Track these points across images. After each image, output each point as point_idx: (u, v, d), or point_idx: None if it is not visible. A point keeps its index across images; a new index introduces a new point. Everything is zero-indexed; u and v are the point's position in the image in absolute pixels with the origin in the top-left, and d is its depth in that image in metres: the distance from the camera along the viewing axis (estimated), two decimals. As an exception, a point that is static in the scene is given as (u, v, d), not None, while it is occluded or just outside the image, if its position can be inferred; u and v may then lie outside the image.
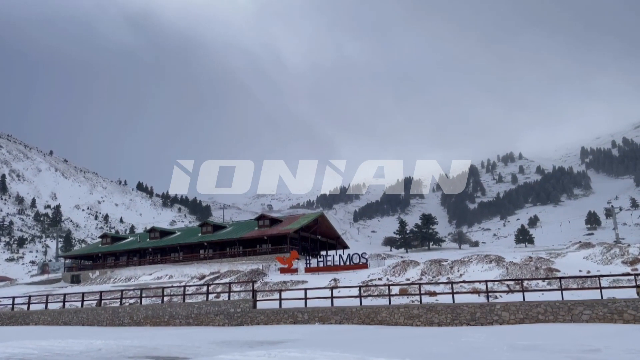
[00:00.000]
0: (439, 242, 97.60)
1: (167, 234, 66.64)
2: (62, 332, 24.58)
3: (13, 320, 31.44)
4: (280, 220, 61.00)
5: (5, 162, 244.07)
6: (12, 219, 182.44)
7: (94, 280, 56.69)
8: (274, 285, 34.60)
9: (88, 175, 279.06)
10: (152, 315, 28.05)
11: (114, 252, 64.62)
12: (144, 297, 30.96)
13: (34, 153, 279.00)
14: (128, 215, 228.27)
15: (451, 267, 33.45)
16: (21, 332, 24.97)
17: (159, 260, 59.23)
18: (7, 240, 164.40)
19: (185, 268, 51.11)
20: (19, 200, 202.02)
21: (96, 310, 30.30)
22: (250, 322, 25.56)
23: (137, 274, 53.73)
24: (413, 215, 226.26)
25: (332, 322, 23.74)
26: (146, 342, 18.13)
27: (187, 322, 26.98)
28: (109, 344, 17.54)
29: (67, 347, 17.13)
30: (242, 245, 56.74)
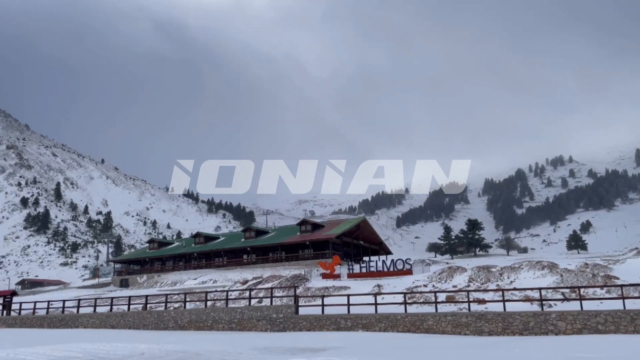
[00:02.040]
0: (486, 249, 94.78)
1: (212, 239, 67.51)
2: (108, 335, 24.96)
3: (63, 323, 32.32)
4: (322, 226, 60.66)
5: (60, 171, 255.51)
6: (67, 225, 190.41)
7: (141, 284, 57.98)
8: (316, 290, 34.19)
9: (137, 182, 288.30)
10: (196, 320, 28.16)
11: (161, 257, 65.97)
12: (188, 301, 31.20)
13: (87, 162, 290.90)
14: (175, 221, 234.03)
15: (500, 274, 32.08)
16: (69, 335, 25.53)
17: (204, 265, 60.00)
18: (62, 245, 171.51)
19: (229, 273, 51.47)
20: (72, 207, 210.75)
21: (142, 314, 30.73)
22: (292, 328, 25.20)
23: (182, 278, 54.53)
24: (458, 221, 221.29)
25: (376, 329, 23.07)
26: (189, 347, 18.04)
27: (230, 327, 26.90)
28: (152, 349, 17.53)
29: (112, 350, 17.22)
30: (285, 250, 56.72)
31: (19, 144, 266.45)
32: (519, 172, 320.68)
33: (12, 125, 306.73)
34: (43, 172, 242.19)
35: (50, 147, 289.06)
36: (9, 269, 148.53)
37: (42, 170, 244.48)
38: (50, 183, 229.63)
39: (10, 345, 19.93)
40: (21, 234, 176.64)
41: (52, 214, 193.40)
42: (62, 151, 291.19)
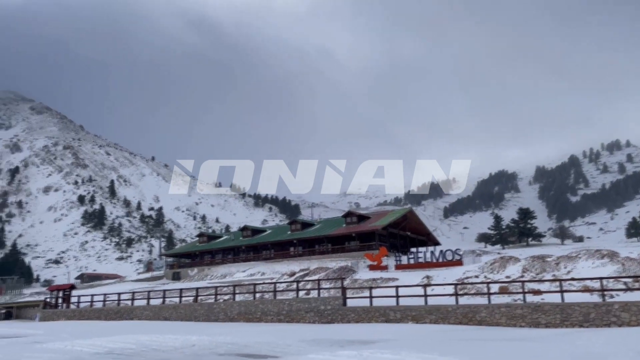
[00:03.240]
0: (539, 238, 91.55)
1: (259, 232, 68.31)
2: (161, 327, 25.55)
3: (119, 315, 33.43)
4: (368, 217, 60.14)
5: (114, 169, 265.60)
6: (121, 221, 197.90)
7: (192, 277, 59.37)
8: (363, 282, 33.85)
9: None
10: (245, 312, 28.43)
11: (210, 251, 67.33)
12: (237, 293, 31.57)
13: (138, 159, 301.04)
14: (223, 215, 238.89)
15: (557, 264, 30.69)
16: (124, 327, 26.31)
17: (252, 257, 60.78)
18: (117, 240, 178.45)
19: (276, 265, 51.88)
20: (126, 204, 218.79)
21: (193, 306, 31.35)
22: (340, 320, 25.01)
23: (231, 271, 55.41)
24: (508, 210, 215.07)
25: (426, 321, 22.53)
26: (238, 338, 18.15)
27: (278, 318, 27.00)
28: (203, 340, 17.74)
29: (164, 342, 17.54)
30: (331, 242, 56.62)
31: (75, 144, 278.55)
32: (572, 159, 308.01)
33: (68, 127, 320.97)
34: (98, 171, 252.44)
35: (104, 147, 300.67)
36: (69, 264, 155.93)
37: (97, 169, 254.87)
38: (105, 181, 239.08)
39: (70, 337, 20.68)
40: (79, 230, 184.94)
41: (108, 210, 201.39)
42: (114, 150, 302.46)
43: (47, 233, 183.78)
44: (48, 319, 36.64)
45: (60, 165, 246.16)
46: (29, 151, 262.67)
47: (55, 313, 37.65)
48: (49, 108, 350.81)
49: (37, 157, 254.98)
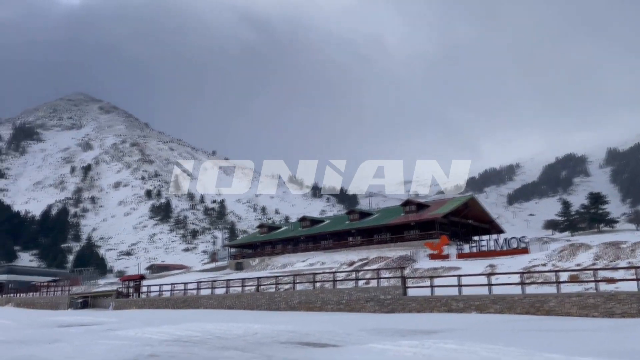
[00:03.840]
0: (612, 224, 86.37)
1: (317, 223, 68.78)
2: (225, 315, 26.28)
3: (185, 304, 34.72)
4: (427, 206, 59.05)
5: (177, 164, 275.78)
6: (186, 213, 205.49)
7: (254, 267, 60.75)
8: (424, 271, 33.30)
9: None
10: (306, 301, 28.71)
11: (271, 241, 68.58)
12: (297, 283, 31.93)
13: (200, 154, 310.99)
14: (282, 206, 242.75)
15: (632, 250, 28.87)
16: (190, 315, 27.27)
17: (311, 247, 61.32)
18: (183, 232, 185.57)
19: (335, 255, 52.07)
20: (190, 197, 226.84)
21: (255, 295, 32.03)
22: (401, 309, 24.72)
23: (291, 261, 56.20)
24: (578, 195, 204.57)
25: (490, 311, 21.83)
26: (299, 327, 18.32)
27: (338, 307, 27.07)
28: (265, 329, 18.05)
29: (228, 330, 18.00)
30: (389, 231, 56.10)
31: (141, 141, 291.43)
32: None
33: (134, 125, 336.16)
34: (162, 166, 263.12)
35: (168, 143, 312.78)
36: (139, 255, 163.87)
37: (162, 164, 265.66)
38: (169, 175, 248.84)
39: (140, 325, 21.66)
40: (148, 223, 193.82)
41: (173, 204, 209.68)
42: (177, 145, 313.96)
43: (119, 226, 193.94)
44: (121, 307, 38.63)
45: (128, 162, 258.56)
46: (99, 149, 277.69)
47: (127, 302, 39.63)
48: (116, 107, 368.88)
49: (106, 154, 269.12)
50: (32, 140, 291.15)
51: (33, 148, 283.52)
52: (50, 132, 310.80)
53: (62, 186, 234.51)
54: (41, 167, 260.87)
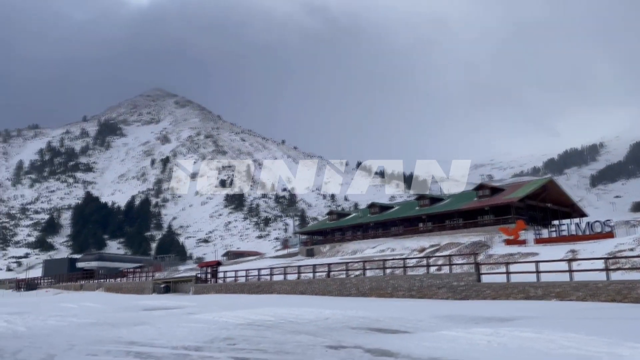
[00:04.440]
0: None
1: (386, 209, 68.26)
2: (297, 301, 26.83)
3: (260, 289, 35.80)
4: (502, 189, 56.81)
5: (249, 154, 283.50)
6: (258, 202, 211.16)
7: (324, 253, 61.44)
8: (499, 257, 32.17)
9: (314, 159, 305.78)
10: (376, 287, 28.69)
11: (340, 228, 68.95)
12: (367, 269, 31.96)
13: (270, 144, 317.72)
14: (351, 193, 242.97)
15: None
16: (264, 300, 28.09)
17: (380, 234, 61.02)
18: (256, 220, 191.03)
19: (406, 241, 51.50)
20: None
21: (326, 281, 32.43)
22: (475, 296, 24.08)
23: (361, 247, 56.28)
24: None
25: (572, 298, 20.74)
26: (369, 313, 18.36)
27: (409, 294, 26.82)
28: (336, 314, 18.25)
29: (300, 315, 18.38)
30: (462, 217, 54.60)
31: (215, 133, 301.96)
32: None
33: (208, 117, 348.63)
34: (235, 156, 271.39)
35: (239, 134, 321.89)
36: (215, 243, 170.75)
37: (234, 155, 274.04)
38: (242, 165, 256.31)
39: (217, 309, 22.61)
40: (223, 211, 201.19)
41: (246, 192, 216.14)
42: (248, 136, 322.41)
43: (196, 215, 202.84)
44: (199, 292, 40.51)
45: (203, 153, 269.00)
46: (176, 142, 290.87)
47: (206, 287, 41.48)
48: (190, 101, 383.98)
49: (183, 146, 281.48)
50: (115, 136, 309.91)
51: (116, 143, 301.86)
52: (131, 127, 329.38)
53: (143, 178, 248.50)
54: (124, 160, 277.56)
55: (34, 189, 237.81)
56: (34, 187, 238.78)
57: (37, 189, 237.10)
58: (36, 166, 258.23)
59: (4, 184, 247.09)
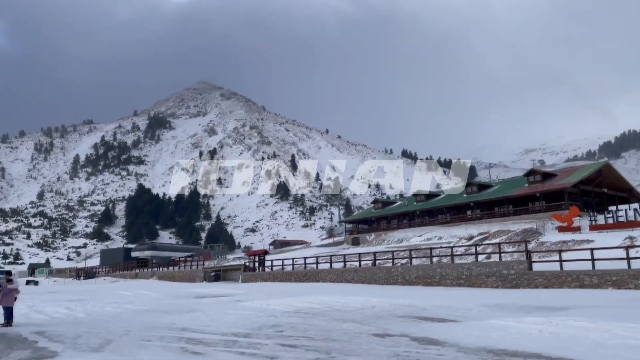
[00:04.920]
0: None
1: (433, 197, 67.29)
2: (343, 289, 26.95)
3: (306, 277, 36.17)
4: (554, 175, 54.82)
5: (294, 144, 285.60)
6: (303, 191, 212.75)
7: (370, 242, 61.33)
8: (551, 245, 31.14)
9: (358, 147, 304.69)
10: (423, 276, 28.42)
11: (385, 216, 68.56)
12: (413, 257, 31.67)
13: (314, 133, 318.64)
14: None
15: None
16: (310, 288, 28.37)
17: (427, 222, 60.25)
18: (301, 210, 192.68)
19: (453, 229, 50.65)
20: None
21: (372, 269, 32.39)
22: (526, 284, 23.44)
23: (407, 235, 55.80)
24: None
25: (630, 287, 19.86)
26: (416, 302, 18.22)
27: (457, 283, 26.41)
28: (382, 302, 18.22)
29: (346, 303, 18.46)
30: (512, 204, 53.10)
31: (259, 124, 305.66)
32: None
33: (252, 108, 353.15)
34: (280, 146, 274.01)
35: (283, 124, 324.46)
36: (262, 232, 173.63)
37: (279, 145, 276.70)
38: (287, 155, 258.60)
39: (265, 297, 23.03)
40: (269, 201, 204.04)
41: (291, 182, 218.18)
42: (292, 126, 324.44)
43: (243, 205, 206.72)
44: (248, 280, 41.36)
45: (249, 144, 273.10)
46: (222, 133, 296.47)
47: (254, 275, 42.31)
48: (235, 93, 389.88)
49: (229, 138, 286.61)
50: (164, 129, 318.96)
51: (166, 136, 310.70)
52: (179, 120, 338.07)
53: (192, 169, 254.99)
54: (174, 152, 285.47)
55: (90, 181, 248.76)
56: (90, 180, 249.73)
57: (92, 181, 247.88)
58: (91, 160, 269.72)
59: (62, 178, 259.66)
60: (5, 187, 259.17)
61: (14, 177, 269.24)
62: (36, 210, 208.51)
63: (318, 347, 9.49)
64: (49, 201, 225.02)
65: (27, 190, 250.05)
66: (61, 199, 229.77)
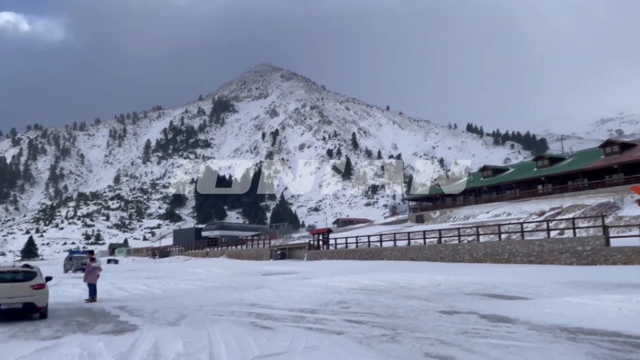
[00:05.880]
0: None
1: (500, 172, 64.96)
2: (408, 267, 26.78)
3: (370, 255, 36.22)
4: (633, 145, 51.21)
5: (354, 122, 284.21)
6: (365, 170, 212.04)
7: (435, 219, 60.35)
8: (631, 219, 29.27)
9: (421, 123, 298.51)
10: (491, 253, 27.67)
11: (451, 193, 67.06)
12: (481, 234, 30.87)
13: (374, 110, 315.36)
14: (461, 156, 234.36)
15: None
16: (374, 266, 28.42)
17: (494, 198, 58.34)
18: (364, 188, 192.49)
19: (523, 205, 48.72)
20: (368, 154, 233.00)
21: (437, 247, 31.91)
22: (603, 261, 22.26)
23: (474, 212, 54.37)
24: None
25: None
26: (485, 279, 17.80)
27: (528, 259, 25.51)
28: (449, 280, 17.95)
29: (411, 281, 18.34)
30: (587, 177, 50.25)
31: (319, 104, 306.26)
32: None
33: (312, 88, 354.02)
34: (340, 125, 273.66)
35: (344, 102, 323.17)
36: (325, 211, 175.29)
37: (340, 124, 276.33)
38: (347, 134, 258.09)
39: (329, 274, 23.32)
40: (331, 180, 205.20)
41: (352, 161, 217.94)
42: (353, 104, 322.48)
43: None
44: (312, 258, 42.02)
45: (310, 124, 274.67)
46: (284, 115, 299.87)
47: (318, 253, 42.90)
48: (295, 74, 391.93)
49: (290, 119, 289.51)
50: (228, 112, 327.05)
51: (230, 119, 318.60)
52: (242, 103, 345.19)
53: (256, 151, 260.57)
54: (238, 135, 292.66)
55: (161, 165, 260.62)
56: (161, 164, 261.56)
57: (163, 165, 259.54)
58: (161, 144, 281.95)
59: (136, 162, 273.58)
60: (85, 172, 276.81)
61: (92, 162, 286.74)
62: (113, 193, 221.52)
63: (384, 324, 9.52)
64: (125, 185, 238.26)
65: (104, 175, 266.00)
66: (135, 182, 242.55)
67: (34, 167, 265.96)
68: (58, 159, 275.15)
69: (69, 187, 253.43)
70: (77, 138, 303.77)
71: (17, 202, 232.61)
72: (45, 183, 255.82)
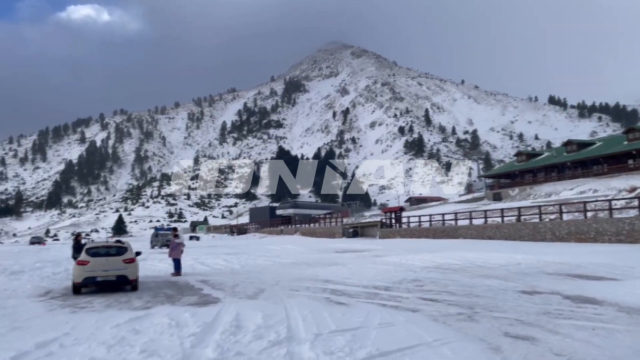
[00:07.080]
0: None
1: (586, 146, 60.97)
2: (484, 245, 26.03)
3: (444, 234, 35.53)
4: None
5: (427, 98, 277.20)
6: (439, 146, 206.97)
7: (513, 197, 57.97)
8: None
9: (498, 97, 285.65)
10: (576, 231, 26.23)
11: (531, 169, 63.98)
12: (564, 212, 29.32)
13: (448, 85, 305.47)
14: (542, 131, 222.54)
15: None
16: (449, 245, 27.86)
17: (579, 174, 54.99)
18: (437, 165, 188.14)
19: (612, 181, 45.57)
20: (441, 130, 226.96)
21: (516, 225, 30.70)
22: None
23: (556, 189, 51.63)
24: None
25: None
26: (568, 259, 16.96)
27: (617, 239, 23.94)
28: (529, 259, 17.29)
29: (488, 260, 17.84)
30: (687, 150, 46.05)
31: (391, 80, 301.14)
32: None
33: (383, 64, 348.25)
34: (412, 102, 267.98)
35: (416, 78, 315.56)
36: (398, 189, 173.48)
37: (412, 100, 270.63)
38: (420, 110, 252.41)
39: (403, 252, 23.20)
40: (403, 158, 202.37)
41: (425, 138, 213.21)
42: (425, 79, 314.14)
43: (378, 163, 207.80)
44: (385, 236, 41.90)
45: (381, 102, 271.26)
46: (354, 93, 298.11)
47: (391, 231, 42.70)
48: (365, 50, 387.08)
49: (361, 97, 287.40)
50: (299, 92, 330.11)
51: (301, 99, 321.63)
52: (312, 82, 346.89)
53: (327, 130, 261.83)
54: (309, 115, 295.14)
55: (236, 146, 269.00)
56: (237, 145, 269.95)
57: (239, 146, 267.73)
58: (237, 126, 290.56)
59: (213, 143, 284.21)
60: (167, 154, 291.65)
61: (173, 144, 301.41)
62: (193, 173, 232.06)
63: (460, 302, 9.36)
64: (204, 165, 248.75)
65: (184, 156, 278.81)
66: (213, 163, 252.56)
67: (121, 150, 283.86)
68: (142, 142, 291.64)
69: (153, 168, 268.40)
70: (159, 121, 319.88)
71: (107, 183, 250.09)
72: (131, 165, 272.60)
